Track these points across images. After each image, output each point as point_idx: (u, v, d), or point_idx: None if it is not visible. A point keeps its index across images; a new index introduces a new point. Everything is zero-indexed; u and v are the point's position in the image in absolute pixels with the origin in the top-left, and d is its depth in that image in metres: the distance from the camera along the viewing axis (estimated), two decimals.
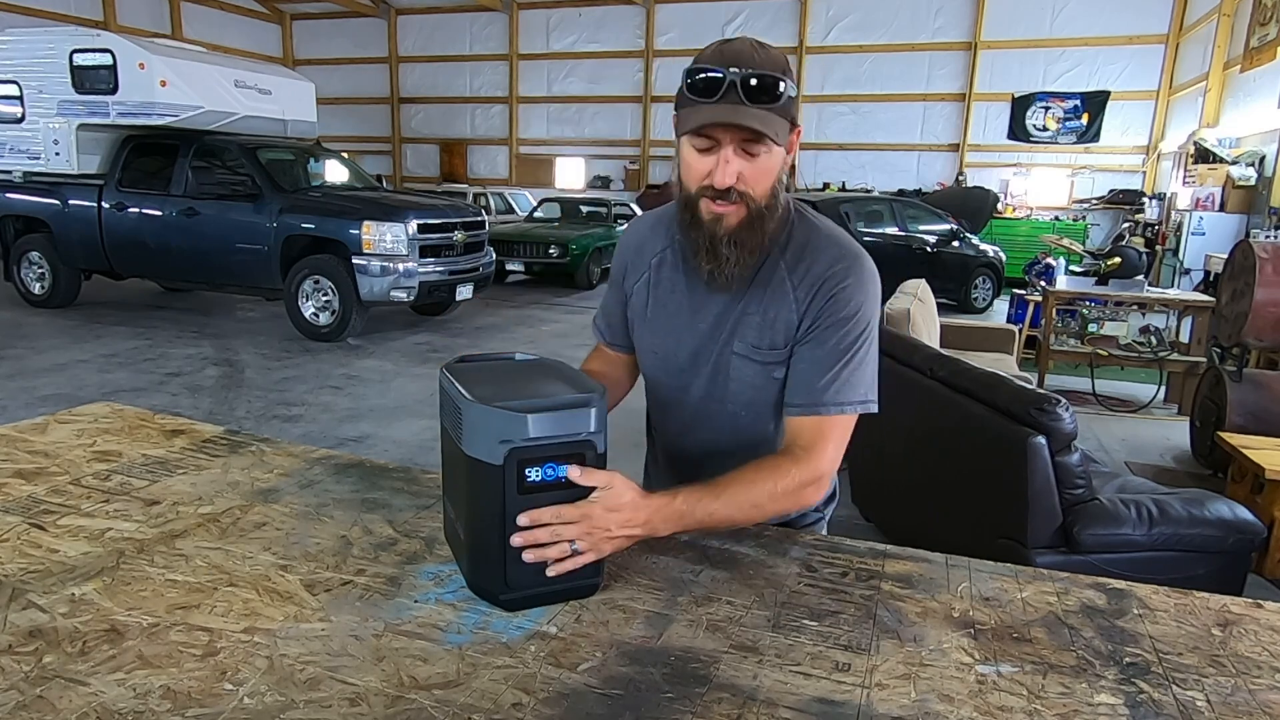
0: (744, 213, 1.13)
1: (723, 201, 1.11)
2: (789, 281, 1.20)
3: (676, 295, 1.28)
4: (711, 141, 1.09)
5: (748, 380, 1.25)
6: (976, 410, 2.68)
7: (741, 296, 1.22)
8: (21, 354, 6.28)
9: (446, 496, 1.13)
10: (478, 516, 0.98)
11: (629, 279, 1.35)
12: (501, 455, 0.94)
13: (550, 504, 0.98)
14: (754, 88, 1.05)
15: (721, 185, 1.10)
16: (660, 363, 1.32)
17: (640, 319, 1.34)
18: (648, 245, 1.33)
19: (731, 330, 1.23)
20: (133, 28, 14.24)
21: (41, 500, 1.23)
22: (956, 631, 0.97)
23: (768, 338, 1.21)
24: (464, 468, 0.98)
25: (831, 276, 1.18)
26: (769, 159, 1.11)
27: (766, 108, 1.06)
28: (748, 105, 1.06)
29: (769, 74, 1.06)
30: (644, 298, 1.32)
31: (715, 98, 1.06)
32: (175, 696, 0.79)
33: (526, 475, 0.95)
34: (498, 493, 0.95)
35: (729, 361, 1.24)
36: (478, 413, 0.95)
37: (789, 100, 1.09)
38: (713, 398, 1.28)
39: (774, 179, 1.13)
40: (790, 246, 1.21)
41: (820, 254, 1.20)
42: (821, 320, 1.18)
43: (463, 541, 1.03)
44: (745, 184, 1.11)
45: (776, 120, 1.07)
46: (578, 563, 0.98)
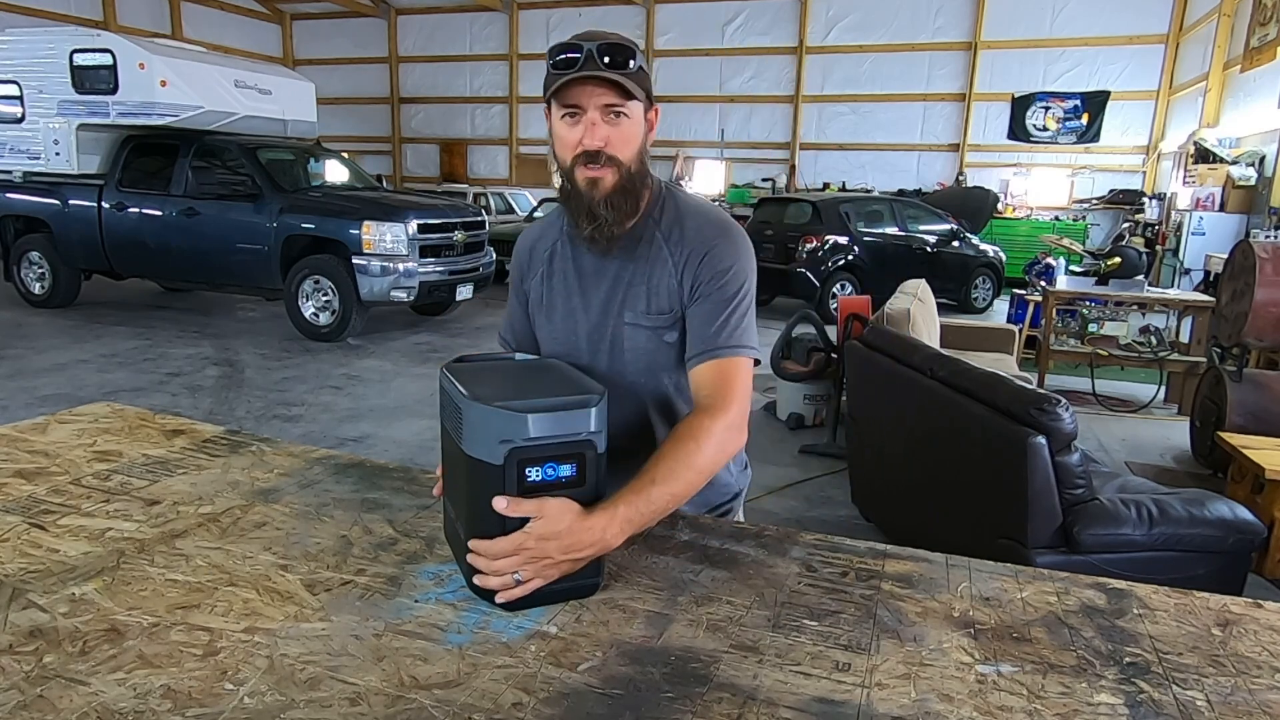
0: (616, 175, 1.22)
1: (594, 165, 1.21)
2: (665, 248, 1.30)
3: (569, 280, 1.37)
4: (577, 110, 1.19)
5: (641, 346, 1.33)
6: (976, 410, 2.68)
7: (627, 269, 1.31)
8: (21, 354, 6.28)
9: (447, 496, 1.13)
10: (478, 516, 0.98)
11: (526, 280, 1.43)
12: (502, 455, 0.94)
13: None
14: (610, 59, 1.17)
15: (591, 147, 1.19)
16: (562, 348, 1.38)
17: (539, 311, 1.41)
18: (540, 244, 1.42)
19: (621, 302, 1.32)
20: (133, 28, 14.24)
21: (42, 500, 1.23)
22: (956, 631, 0.97)
23: (654, 303, 1.30)
24: (464, 467, 0.98)
25: (704, 239, 1.29)
26: (631, 124, 1.22)
27: (621, 73, 1.17)
28: (604, 70, 1.16)
29: (621, 43, 1.18)
30: (541, 292, 1.40)
31: (574, 68, 1.16)
32: (175, 696, 0.79)
33: (527, 475, 0.95)
34: (498, 492, 0.95)
35: (622, 332, 1.33)
36: (478, 412, 0.95)
37: (641, 71, 1.20)
38: (613, 370, 1.34)
39: (639, 144, 1.24)
40: (664, 218, 1.32)
41: (690, 220, 1.31)
42: (701, 278, 1.28)
43: (463, 541, 1.03)
44: (612, 148, 1.20)
45: (630, 85, 1.18)
46: (526, 589, 0.97)
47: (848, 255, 9.44)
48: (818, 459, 4.44)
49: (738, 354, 1.25)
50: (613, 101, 1.19)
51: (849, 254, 9.45)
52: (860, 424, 3.64)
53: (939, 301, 6.47)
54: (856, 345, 3.60)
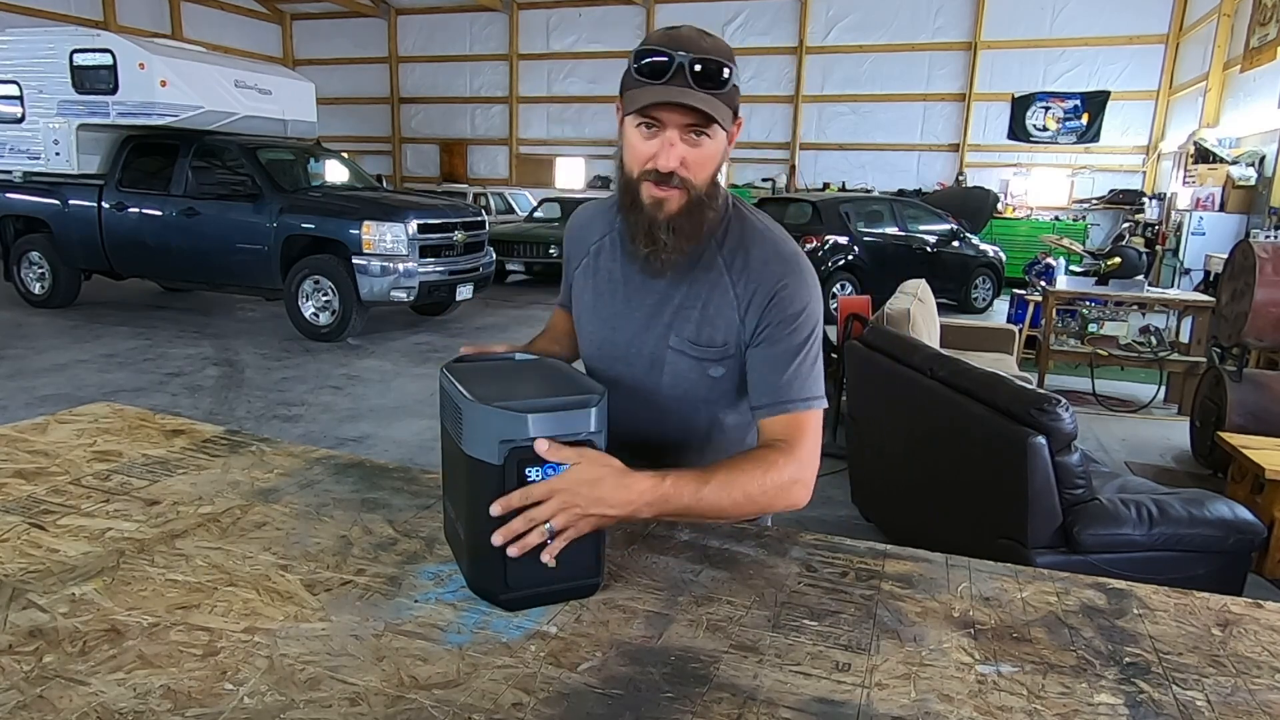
0: (685, 199, 1.13)
1: (664, 186, 1.12)
2: (728, 277, 1.20)
3: (613, 284, 1.28)
4: (656, 124, 1.09)
5: (682, 374, 1.25)
6: (976, 410, 2.68)
7: (678, 288, 1.22)
8: (21, 354, 6.28)
9: (447, 496, 1.13)
10: (478, 516, 0.98)
11: (573, 259, 1.37)
12: (501, 455, 0.94)
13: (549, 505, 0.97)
14: (701, 72, 1.06)
15: (665, 168, 1.10)
16: (596, 349, 1.33)
17: (579, 305, 1.35)
18: (588, 231, 1.35)
19: (668, 323, 1.23)
20: (133, 28, 14.24)
21: (41, 500, 1.23)
22: (956, 631, 0.97)
23: (706, 333, 1.21)
24: (464, 467, 0.98)
25: (773, 276, 1.19)
26: (712, 146, 1.12)
27: (713, 93, 1.07)
28: (694, 89, 1.06)
29: (716, 59, 1.07)
30: (583, 284, 1.34)
31: (662, 80, 1.06)
32: (175, 696, 0.79)
33: (526, 475, 0.95)
34: (497, 492, 0.95)
35: (664, 355, 1.24)
36: (478, 412, 0.95)
37: (734, 88, 1.10)
38: (644, 388, 1.28)
39: (715, 167, 1.15)
40: (728, 241, 1.21)
41: (757, 249, 1.21)
42: (770, 321, 1.18)
43: (463, 541, 1.03)
44: (687, 169, 1.11)
45: (722, 106, 1.08)
46: (555, 547, 0.96)
47: (848, 255, 9.45)
48: None
49: (811, 406, 1.18)
50: (696, 122, 1.08)
51: (849, 254, 9.46)
52: (860, 424, 3.64)
53: (939, 301, 6.47)
54: (856, 345, 3.60)
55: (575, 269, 1.36)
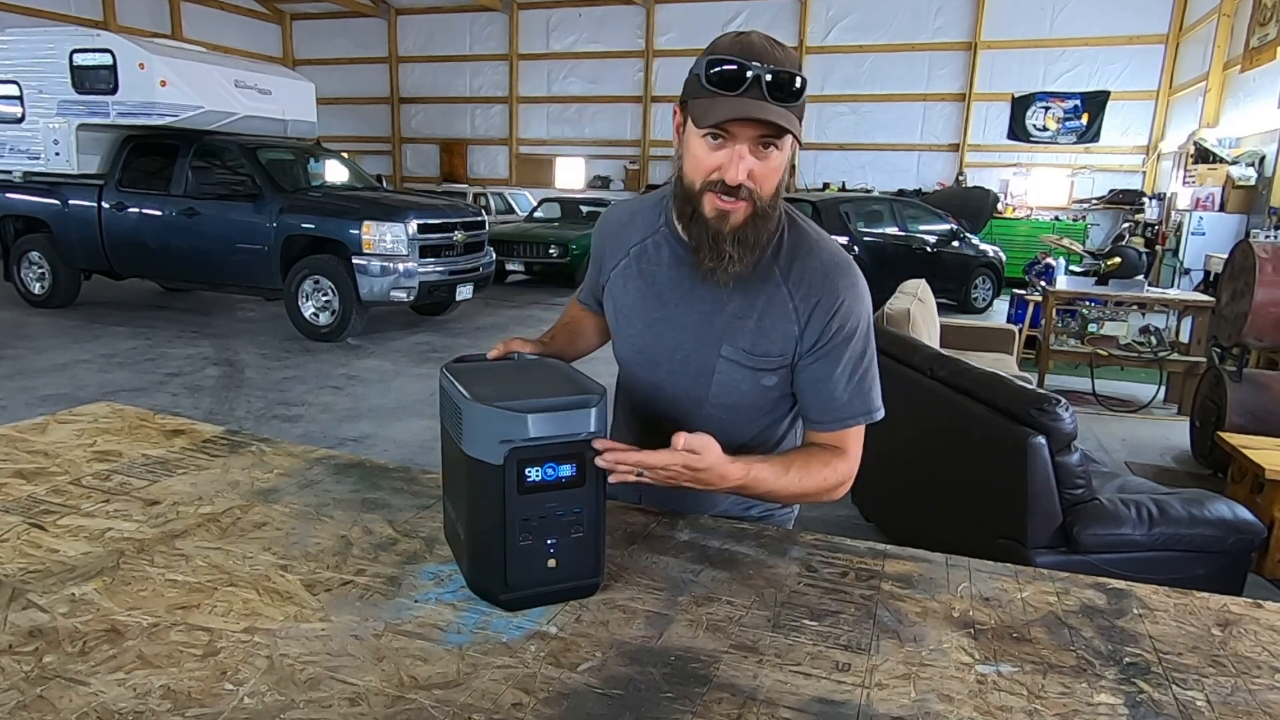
0: (750, 210, 1.11)
1: (730, 198, 1.09)
2: (785, 288, 1.19)
3: (658, 288, 1.25)
4: (725, 135, 1.07)
5: (733, 384, 1.23)
6: (976, 410, 2.68)
7: (733, 297, 1.20)
8: (21, 354, 6.28)
9: (447, 496, 1.13)
10: (478, 516, 0.98)
11: (608, 257, 1.34)
12: (502, 455, 0.94)
13: (551, 504, 0.97)
14: (775, 85, 1.04)
15: (733, 182, 1.07)
16: (637, 355, 1.30)
17: (617, 308, 1.31)
18: (628, 232, 1.31)
19: (720, 333, 1.21)
20: (133, 28, 14.23)
21: (41, 500, 1.23)
22: (956, 631, 0.97)
23: (762, 345, 1.20)
24: (464, 467, 0.98)
25: (832, 289, 1.18)
26: (779, 158, 1.10)
27: (786, 105, 1.05)
28: (770, 102, 1.04)
29: (789, 71, 1.05)
30: (621, 285, 1.30)
31: (737, 92, 1.04)
32: (175, 696, 0.79)
33: (526, 475, 0.95)
34: (498, 493, 0.95)
35: (714, 364, 1.22)
36: (478, 413, 0.95)
37: (804, 102, 1.09)
38: (691, 397, 1.26)
39: (779, 178, 1.12)
40: (783, 251, 1.20)
41: (815, 261, 1.20)
42: (828, 336, 1.18)
43: (463, 541, 1.03)
44: (755, 181, 1.09)
45: (794, 119, 1.06)
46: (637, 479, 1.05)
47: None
48: None
49: (870, 419, 1.24)
50: (768, 134, 1.06)
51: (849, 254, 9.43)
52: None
53: (939, 301, 6.47)
54: None
55: (612, 269, 1.32)
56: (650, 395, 1.31)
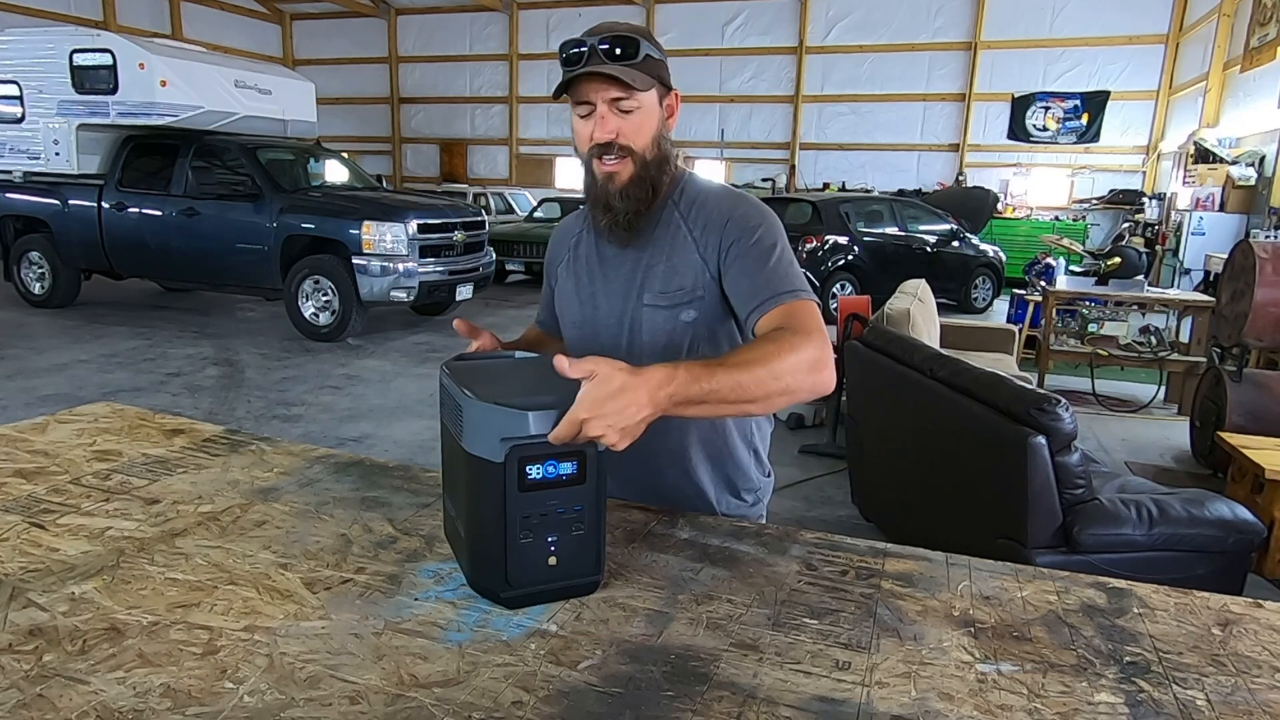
0: (630, 168, 1.24)
1: (610, 158, 1.23)
2: (684, 226, 1.30)
3: (589, 266, 1.38)
4: (590, 105, 1.22)
5: (658, 328, 1.31)
6: (976, 410, 2.68)
7: (645, 252, 1.31)
8: (21, 354, 6.28)
9: (447, 494, 1.13)
10: (479, 514, 0.98)
11: (554, 263, 1.47)
12: (503, 453, 0.94)
13: (551, 502, 0.97)
14: (612, 49, 1.19)
15: (601, 139, 1.21)
16: (578, 329, 1.40)
17: (562, 299, 1.43)
18: (567, 233, 1.46)
19: (641, 286, 1.31)
20: (133, 28, 14.24)
21: (41, 499, 1.23)
22: (957, 630, 0.97)
23: (674, 282, 1.29)
24: (465, 465, 0.98)
25: (723, 209, 1.28)
26: (642, 114, 1.23)
27: (628, 64, 1.19)
28: (607, 65, 1.18)
29: (625, 35, 1.20)
30: (565, 279, 1.43)
31: (581, 64, 1.19)
32: (175, 695, 0.79)
33: (527, 473, 0.95)
34: (499, 490, 0.95)
35: (641, 315, 1.32)
36: (479, 410, 0.95)
37: (650, 59, 1.22)
38: (632, 356, 1.31)
39: (653, 132, 1.25)
40: (683, 199, 1.32)
41: (708, 197, 1.31)
42: (729, 241, 1.25)
43: (463, 540, 1.03)
44: (625, 138, 1.22)
45: (636, 75, 1.20)
46: (615, 446, 0.94)
47: (848, 255, 9.44)
48: (818, 459, 4.44)
49: (799, 297, 1.17)
50: (618, 95, 1.20)
51: (849, 254, 9.45)
52: (860, 424, 3.64)
53: (939, 301, 6.47)
54: (856, 345, 3.60)
55: (559, 267, 1.45)
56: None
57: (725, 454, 1.39)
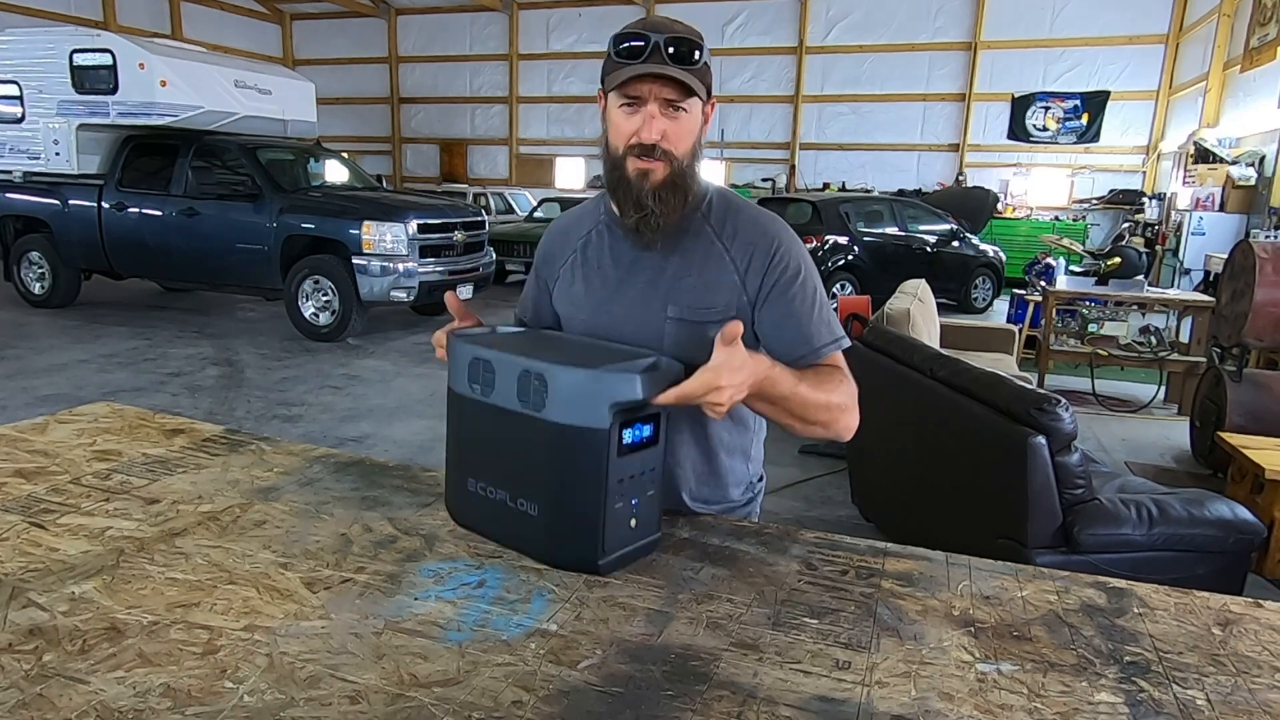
0: (668, 169, 1.20)
1: (648, 158, 1.19)
2: (719, 244, 1.27)
3: (603, 270, 1.32)
4: (637, 101, 1.17)
5: (682, 343, 1.26)
6: (976, 410, 2.68)
7: (670, 259, 1.27)
8: (21, 354, 6.28)
9: (479, 477, 1.10)
10: (574, 484, 0.97)
11: (553, 264, 1.40)
12: (609, 418, 0.93)
13: (637, 464, 1.00)
14: (675, 51, 1.16)
15: (648, 140, 1.17)
16: (589, 336, 1.35)
17: (566, 299, 1.37)
18: (573, 232, 1.39)
19: (664, 296, 1.27)
20: (133, 28, 14.23)
21: (41, 499, 1.23)
22: (957, 630, 0.97)
23: (706, 299, 1.26)
24: (546, 437, 0.97)
25: (766, 238, 1.26)
26: (689, 119, 1.20)
27: (687, 69, 1.16)
28: (670, 65, 1.15)
29: (688, 38, 1.17)
30: (570, 280, 1.36)
31: (641, 58, 1.15)
32: (175, 694, 0.79)
33: (623, 437, 0.96)
34: (600, 457, 0.94)
35: (663, 326, 1.27)
36: (578, 377, 0.95)
37: (705, 67, 1.20)
38: None
39: (694, 140, 1.22)
40: (713, 212, 1.29)
41: (743, 217, 1.29)
42: (774, 277, 1.25)
43: (538, 516, 1.02)
44: (669, 141, 1.18)
45: (697, 81, 1.17)
46: (720, 412, 1.02)
47: (848, 255, 9.44)
48: (818, 459, 4.44)
49: (841, 346, 1.27)
50: (674, 97, 1.17)
51: (849, 254, 9.45)
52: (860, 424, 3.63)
53: (939, 301, 6.47)
54: (856, 345, 3.60)
55: (561, 267, 1.38)
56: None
57: (711, 454, 1.37)
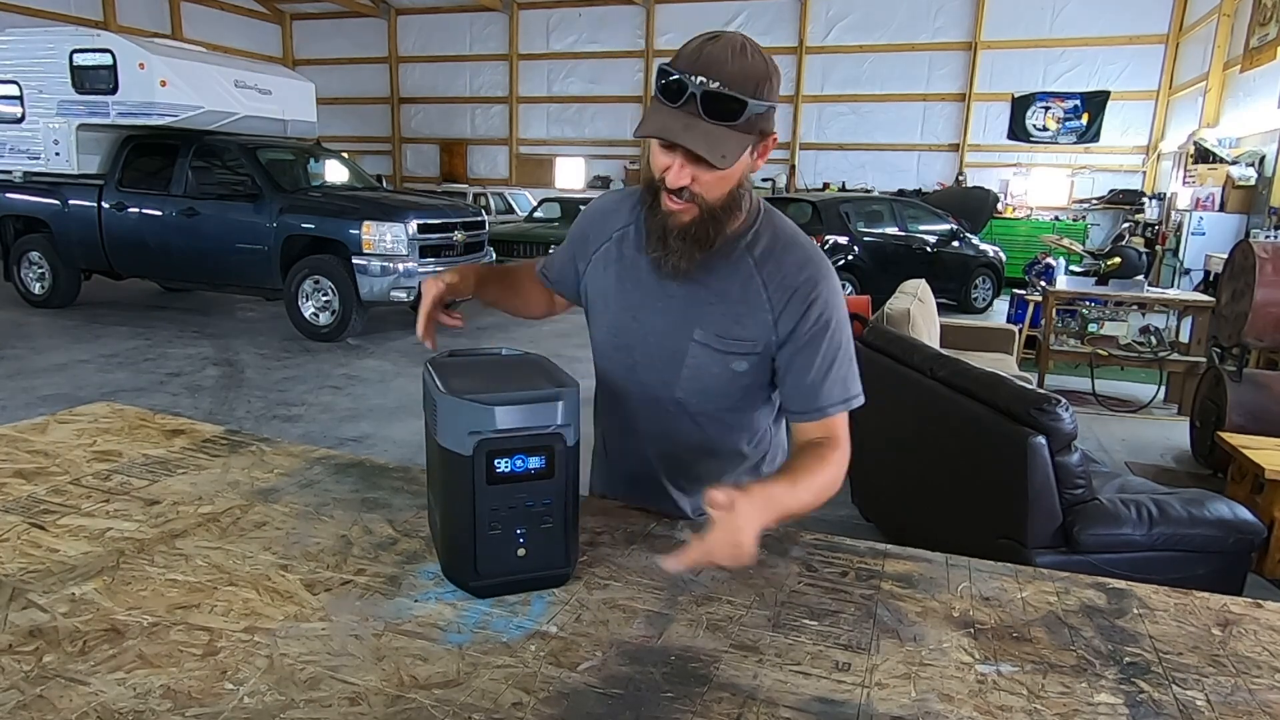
0: (695, 212, 1.14)
1: (677, 199, 1.13)
2: (759, 278, 1.22)
3: (637, 273, 1.28)
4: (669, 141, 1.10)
5: (703, 368, 1.25)
6: (976, 410, 2.68)
7: (707, 284, 1.22)
8: (21, 354, 6.28)
9: (429, 488, 1.14)
10: (451, 506, 1.00)
11: (588, 244, 1.36)
12: (470, 446, 0.96)
13: (520, 495, 0.99)
14: (710, 105, 1.04)
15: (673, 185, 1.12)
16: (613, 339, 1.32)
17: (596, 292, 1.34)
18: (613, 217, 1.34)
19: (693, 318, 1.23)
20: (133, 28, 14.23)
21: (42, 500, 1.23)
22: (956, 631, 0.97)
23: (735, 330, 1.22)
24: (439, 458, 1.00)
25: (805, 283, 1.21)
26: (723, 174, 1.11)
27: (725, 125, 1.05)
28: (704, 120, 1.04)
29: (732, 94, 1.04)
30: (602, 270, 1.33)
31: (676, 104, 1.05)
32: (175, 696, 0.79)
33: (496, 466, 0.97)
34: (468, 483, 0.97)
35: (686, 348, 1.25)
36: (449, 404, 0.97)
37: (754, 118, 1.07)
38: (662, 382, 1.28)
39: (730, 185, 1.14)
40: (759, 245, 1.23)
41: (788, 256, 1.23)
42: (803, 327, 1.21)
43: (441, 530, 1.05)
44: (699, 187, 1.12)
45: (731, 139, 1.06)
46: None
47: (848, 255, 9.44)
48: None
49: (850, 406, 1.24)
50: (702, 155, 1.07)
51: (849, 254, 9.45)
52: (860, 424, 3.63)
53: (939, 301, 6.47)
54: (857, 344, 3.60)
55: (594, 251, 1.35)
56: (624, 379, 1.33)
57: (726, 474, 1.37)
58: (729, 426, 1.32)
